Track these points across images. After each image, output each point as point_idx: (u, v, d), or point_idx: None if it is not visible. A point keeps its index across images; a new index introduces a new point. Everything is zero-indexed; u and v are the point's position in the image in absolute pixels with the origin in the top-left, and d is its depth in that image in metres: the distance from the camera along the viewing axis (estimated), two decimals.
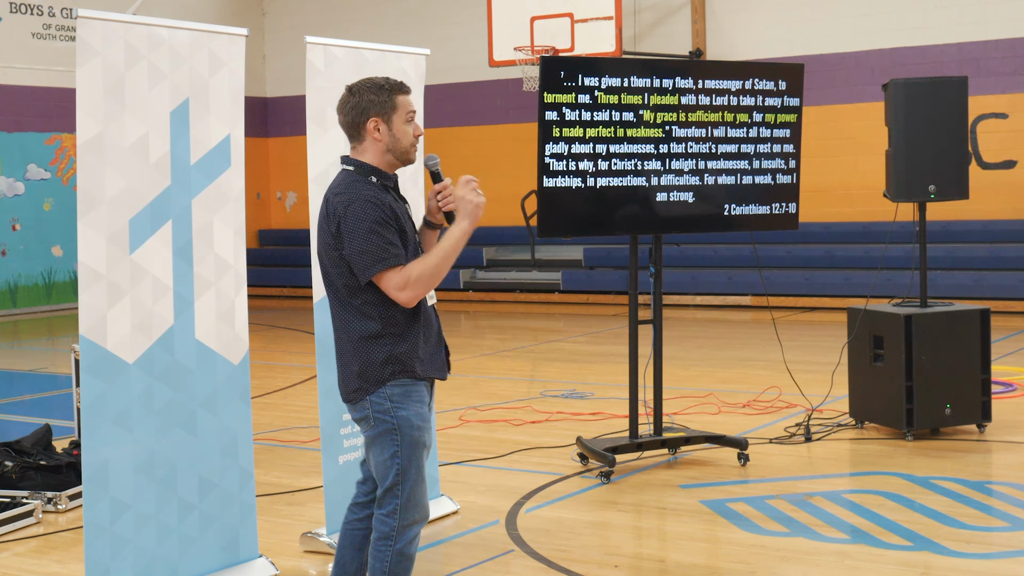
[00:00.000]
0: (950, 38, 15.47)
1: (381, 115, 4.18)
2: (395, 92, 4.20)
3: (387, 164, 4.23)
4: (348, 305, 4.15)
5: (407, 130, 4.22)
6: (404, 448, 4.16)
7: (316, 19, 20.11)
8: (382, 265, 4.03)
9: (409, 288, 4.05)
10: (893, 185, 7.77)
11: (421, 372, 4.19)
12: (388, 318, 4.12)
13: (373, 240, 4.03)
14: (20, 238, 17.58)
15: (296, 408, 9.33)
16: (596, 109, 6.78)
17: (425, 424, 4.22)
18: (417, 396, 4.20)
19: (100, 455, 4.64)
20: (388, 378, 4.13)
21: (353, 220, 4.05)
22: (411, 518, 4.20)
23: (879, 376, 7.78)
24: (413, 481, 4.18)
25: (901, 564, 5.32)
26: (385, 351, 4.13)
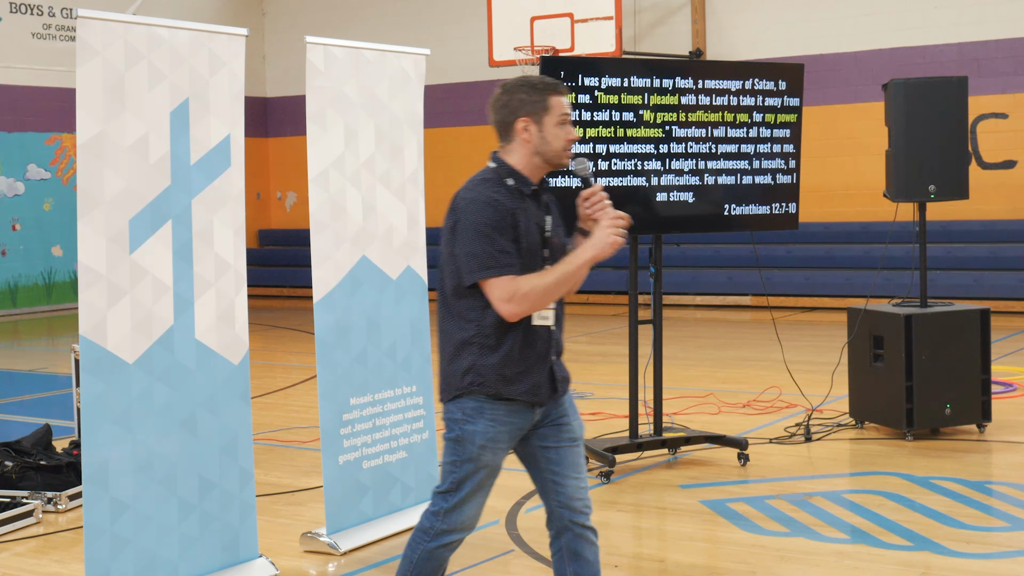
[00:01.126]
0: (950, 38, 15.47)
1: (532, 115, 3.97)
2: (549, 92, 3.99)
3: (533, 167, 4.01)
4: (450, 306, 3.98)
5: (559, 133, 3.99)
6: (464, 461, 4.02)
7: (316, 19, 20.10)
8: (489, 272, 3.85)
9: (515, 302, 3.85)
10: (893, 185, 7.77)
11: (500, 390, 3.96)
12: (482, 327, 3.93)
13: (483, 244, 3.85)
14: (20, 238, 17.58)
15: (296, 408, 9.32)
16: (596, 109, 6.78)
17: (491, 444, 4.01)
18: (492, 414, 3.99)
19: (100, 455, 4.64)
20: (465, 389, 3.96)
21: (468, 219, 3.88)
22: (453, 525, 4.08)
23: (879, 376, 7.78)
24: (466, 495, 4.05)
25: (901, 564, 5.32)
26: (469, 360, 3.95)
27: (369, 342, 5.86)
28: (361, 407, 5.81)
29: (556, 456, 4.12)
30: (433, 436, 6.27)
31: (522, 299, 3.85)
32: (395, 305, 6.00)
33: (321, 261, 5.65)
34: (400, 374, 6.04)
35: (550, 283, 3.88)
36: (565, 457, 4.13)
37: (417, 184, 6.17)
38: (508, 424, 4.03)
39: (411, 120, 6.12)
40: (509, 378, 3.97)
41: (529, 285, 3.86)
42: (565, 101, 4.01)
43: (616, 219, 3.93)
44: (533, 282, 3.87)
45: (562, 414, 4.13)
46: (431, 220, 6.39)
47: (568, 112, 4.01)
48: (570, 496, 4.12)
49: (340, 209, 5.72)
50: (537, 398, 4.02)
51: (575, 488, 4.13)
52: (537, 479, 4.19)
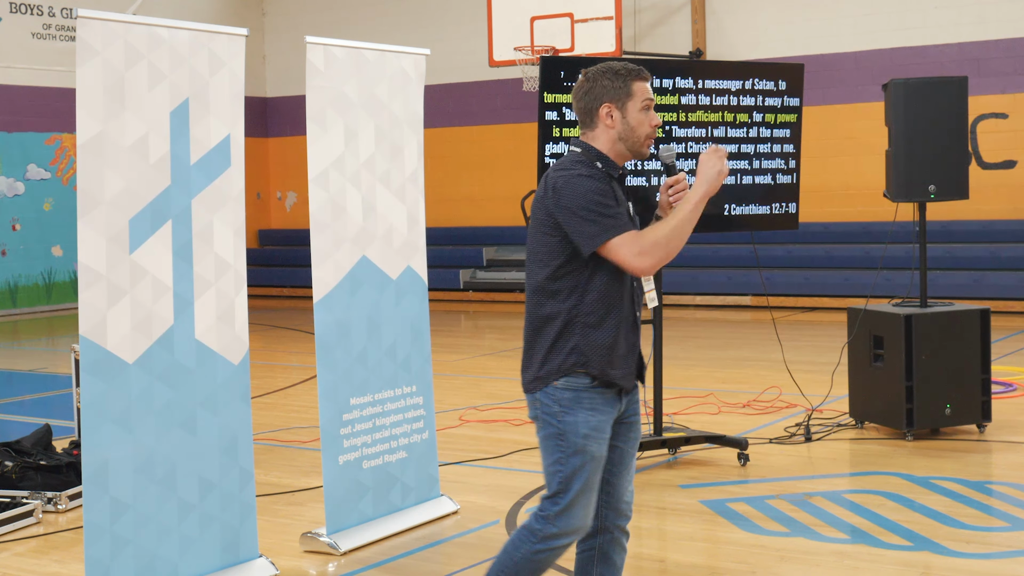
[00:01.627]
0: (950, 38, 15.47)
1: (615, 101, 3.94)
2: (632, 78, 3.95)
3: (617, 154, 3.98)
4: (545, 290, 3.91)
5: (643, 119, 3.96)
6: (569, 455, 3.90)
7: (316, 19, 20.11)
8: (609, 234, 3.80)
9: (647, 254, 3.80)
10: (893, 185, 7.77)
11: (604, 371, 3.90)
12: (583, 304, 3.88)
13: (595, 211, 3.81)
14: (20, 238, 17.58)
15: (296, 408, 9.32)
16: None
17: (595, 433, 3.92)
18: (589, 403, 3.92)
19: (100, 455, 4.64)
20: (568, 369, 3.88)
21: (572, 194, 3.84)
22: (562, 529, 3.93)
23: (879, 376, 7.78)
24: (576, 492, 3.91)
25: (901, 564, 5.32)
26: (573, 340, 3.88)
27: (369, 342, 5.86)
28: (361, 407, 5.82)
29: (618, 456, 4.07)
30: (433, 436, 6.27)
31: (652, 249, 3.81)
32: (395, 305, 6.01)
33: (321, 261, 5.65)
34: (400, 374, 6.04)
35: (673, 227, 3.84)
36: (624, 458, 4.09)
37: (417, 184, 6.17)
38: (605, 414, 3.96)
39: (411, 120, 6.13)
40: (611, 361, 3.92)
41: (654, 235, 3.83)
42: (648, 87, 3.98)
43: (717, 149, 3.91)
44: (656, 231, 3.84)
45: (634, 412, 4.12)
46: (431, 220, 6.41)
47: (651, 98, 3.98)
48: (619, 498, 4.09)
49: (340, 209, 5.72)
50: (629, 384, 4.00)
51: (624, 490, 4.10)
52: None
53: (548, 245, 3.91)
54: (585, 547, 4.14)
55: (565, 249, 3.89)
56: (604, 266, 3.90)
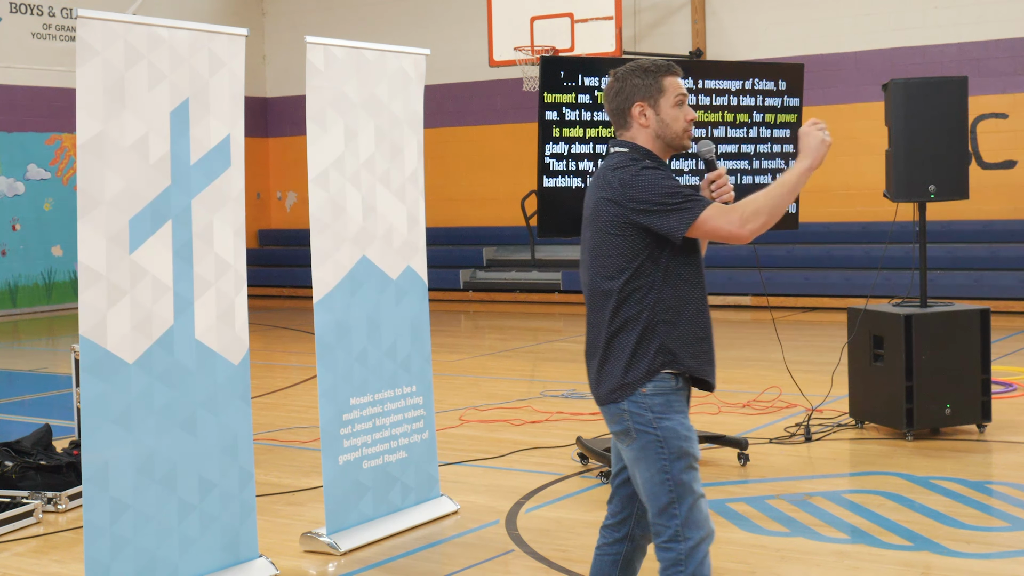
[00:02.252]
0: (950, 38, 15.47)
1: (647, 99, 3.88)
2: (662, 74, 3.89)
3: (659, 150, 3.92)
4: (617, 292, 3.79)
5: (677, 114, 3.88)
6: (672, 461, 3.79)
7: (316, 19, 20.10)
8: (698, 209, 3.71)
9: (748, 220, 3.71)
10: (893, 185, 7.77)
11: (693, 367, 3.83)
12: (662, 302, 3.79)
13: (675, 194, 3.72)
14: (20, 238, 17.58)
15: (296, 408, 9.32)
16: (596, 109, 6.78)
17: (691, 434, 3.85)
18: (679, 405, 3.85)
19: (100, 455, 4.64)
20: (658, 370, 3.79)
21: (643, 186, 3.75)
22: (697, 536, 3.78)
23: (879, 376, 7.78)
24: (690, 495, 3.79)
25: (901, 564, 5.32)
26: (657, 341, 3.79)
27: (369, 342, 5.86)
28: (361, 407, 5.82)
29: None
30: (433, 436, 6.27)
31: (755, 216, 3.73)
32: (395, 305, 6.01)
33: (321, 261, 5.65)
34: (400, 374, 6.04)
35: (776, 195, 3.75)
36: None
37: (417, 184, 6.17)
38: (687, 412, 3.89)
39: (411, 120, 6.13)
40: (699, 356, 3.85)
41: (755, 203, 3.74)
42: (680, 81, 3.91)
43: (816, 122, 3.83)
44: (757, 199, 3.75)
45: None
46: (431, 220, 6.41)
47: (684, 92, 3.91)
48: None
49: (340, 209, 5.72)
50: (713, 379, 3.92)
51: None
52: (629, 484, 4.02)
53: (618, 246, 3.80)
54: (609, 551, 4.08)
55: (637, 246, 3.79)
56: (679, 258, 3.83)
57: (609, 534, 4.10)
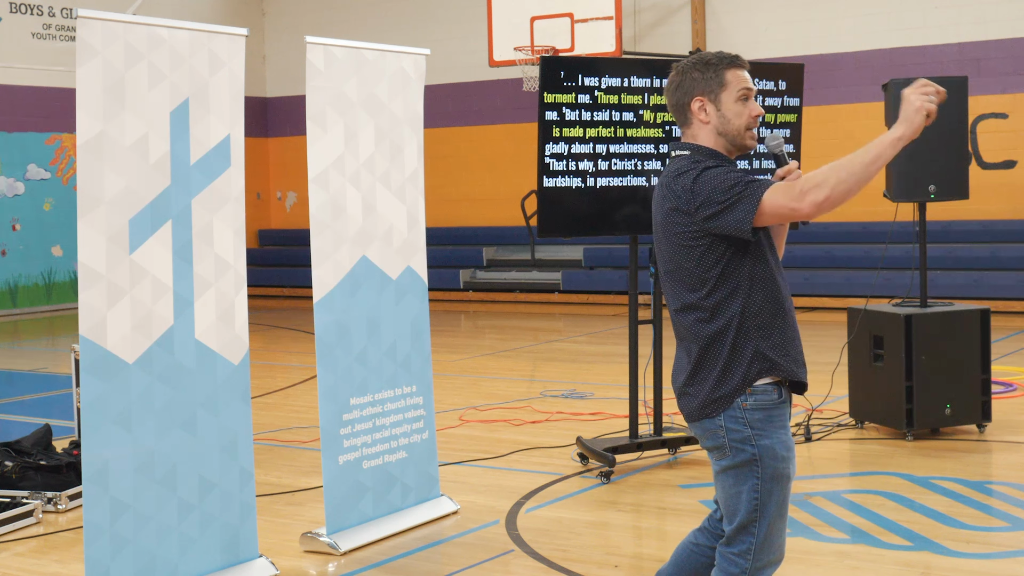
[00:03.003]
0: (950, 38, 15.47)
1: (707, 94, 3.65)
2: (725, 66, 3.65)
3: (723, 149, 3.68)
4: (700, 305, 3.61)
5: (741, 109, 3.64)
6: (765, 481, 3.58)
7: (316, 19, 20.11)
8: (759, 194, 3.45)
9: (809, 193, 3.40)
10: (893, 185, 7.77)
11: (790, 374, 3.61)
12: (750, 308, 3.57)
13: (736, 187, 3.48)
14: (20, 238, 17.58)
15: (296, 408, 9.33)
16: (596, 109, 6.78)
17: (790, 454, 3.63)
18: (780, 420, 3.63)
19: (100, 455, 4.64)
20: (754, 377, 3.57)
21: (706, 184, 3.51)
22: (766, 560, 3.62)
23: (879, 376, 7.78)
24: (772, 518, 3.60)
25: (901, 564, 5.32)
26: (750, 348, 3.57)
27: (369, 342, 5.86)
28: (361, 407, 5.82)
29: None
30: (433, 436, 6.28)
31: (816, 187, 3.41)
32: (395, 305, 6.01)
33: (321, 261, 5.65)
34: (400, 374, 6.04)
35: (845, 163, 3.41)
36: None
37: (417, 184, 6.17)
38: (788, 426, 3.68)
39: (411, 120, 6.13)
40: (794, 359, 3.64)
41: (820, 173, 3.42)
42: (745, 75, 3.66)
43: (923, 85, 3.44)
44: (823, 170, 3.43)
45: None
46: (431, 220, 6.41)
47: (750, 86, 3.66)
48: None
49: (340, 209, 5.72)
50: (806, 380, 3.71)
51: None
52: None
53: (696, 256, 3.60)
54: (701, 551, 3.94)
55: (717, 253, 3.59)
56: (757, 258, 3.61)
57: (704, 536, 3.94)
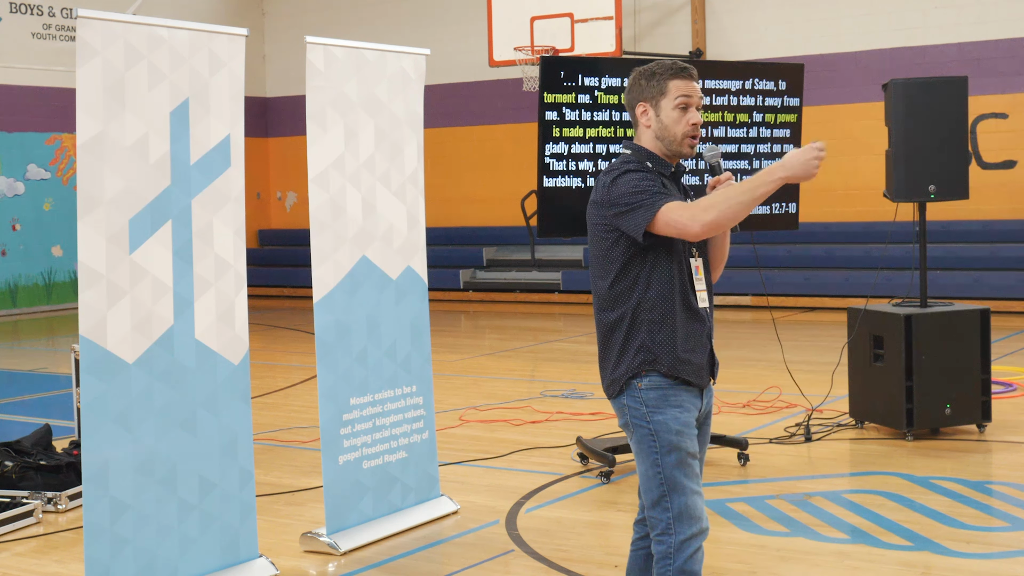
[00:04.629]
0: (950, 38, 15.47)
1: (649, 100, 3.88)
2: (668, 76, 3.86)
3: (661, 153, 3.92)
4: (607, 294, 3.88)
5: (679, 117, 3.86)
6: (663, 455, 3.82)
7: (316, 19, 20.10)
8: (654, 208, 3.72)
9: (703, 213, 3.67)
10: (893, 185, 7.77)
11: (674, 368, 3.83)
12: (645, 302, 3.82)
13: (640, 192, 3.75)
14: (20, 238, 17.58)
15: (296, 408, 9.32)
16: (596, 109, 6.78)
17: (686, 429, 3.85)
18: (676, 400, 3.85)
19: (100, 455, 4.64)
20: (637, 369, 3.83)
21: (618, 189, 3.80)
22: (687, 532, 3.82)
23: (879, 376, 7.78)
24: (681, 490, 3.82)
25: (901, 564, 5.32)
26: (639, 339, 3.83)
27: (369, 342, 5.86)
28: (361, 407, 5.82)
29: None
30: (433, 436, 6.27)
31: (705, 211, 3.68)
32: (395, 305, 6.01)
33: (321, 261, 5.65)
34: (400, 374, 6.04)
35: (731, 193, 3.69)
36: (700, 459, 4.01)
37: (417, 184, 6.17)
38: (691, 411, 3.89)
39: (411, 120, 6.13)
40: (680, 357, 3.84)
41: (708, 199, 3.71)
42: (687, 84, 3.86)
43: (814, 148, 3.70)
44: (710, 196, 3.72)
45: (707, 414, 4.03)
46: (431, 220, 6.41)
47: (689, 95, 3.86)
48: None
49: (340, 209, 5.72)
50: (702, 381, 3.92)
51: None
52: None
53: (605, 247, 3.87)
54: (641, 545, 4.09)
55: (625, 250, 3.84)
56: (661, 260, 3.84)
57: (639, 528, 4.11)
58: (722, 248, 4.09)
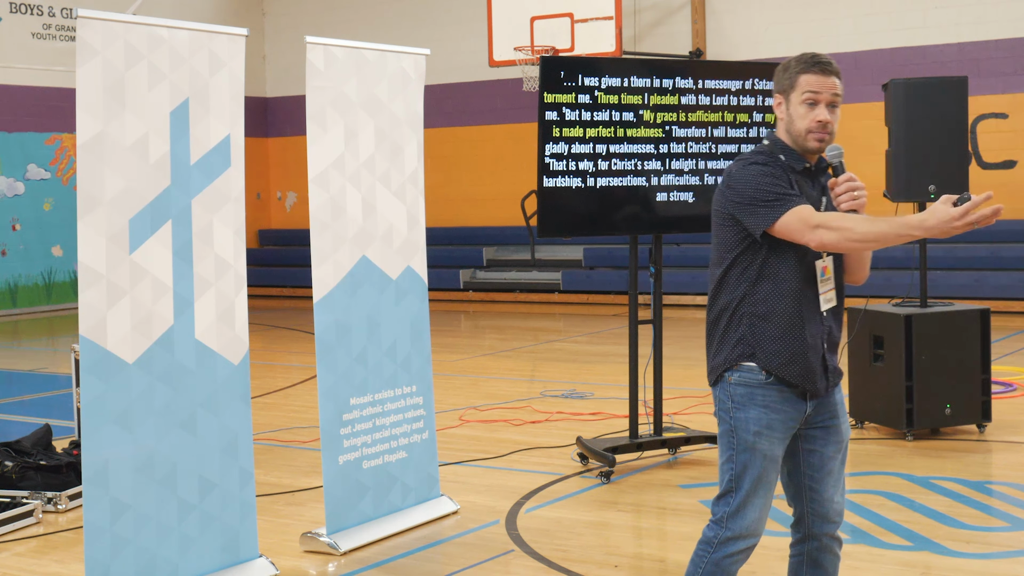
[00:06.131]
0: (950, 38, 15.47)
1: (783, 92, 3.87)
2: (801, 69, 3.83)
3: (793, 145, 3.87)
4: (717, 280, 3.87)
5: (804, 112, 3.81)
6: (739, 452, 3.80)
7: (316, 19, 20.11)
8: (783, 208, 3.68)
9: (824, 229, 3.62)
10: (893, 185, 7.77)
11: (771, 366, 3.77)
12: (753, 294, 3.80)
13: (767, 189, 3.72)
14: (20, 238, 17.58)
15: (296, 408, 9.32)
16: (596, 109, 6.78)
17: (767, 431, 3.79)
18: (763, 399, 3.80)
19: (100, 455, 4.64)
20: (735, 360, 3.81)
21: (742, 181, 3.77)
22: (736, 531, 3.84)
23: (879, 376, 7.78)
24: (746, 492, 3.81)
25: (901, 564, 5.32)
26: (740, 331, 3.81)
27: (369, 342, 5.86)
28: (361, 407, 5.82)
29: (818, 461, 3.92)
30: (433, 436, 6.28)
31: (828, 229, 3.63)
32: (395, 305, 6.01)
33: (321, 261, 5.65)
34: (400, 374, 6.04)
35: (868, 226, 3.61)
36: (827, 464, 3.93)
37: (417, 184, 6.17)
38: (782, 413, 3.82)
39: (411, 120, 6.13)
40: (782, 355, 3.78)
41: (845, 219, 3.63)
42: (819, 80, 3.82)
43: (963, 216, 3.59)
44: (850, 217, 3.64)
45: (832, 415, 3.92)
46: (431, 220, 6.41)
47: (817, 91, 3.81)
48: (824, 505, 3.95)
49: (340, 209, 5.72)
50: (810, 385, 3.81)
51: (831, 497, 3.95)
52: (792, 479, 3.98)
53: (724, 239, 3.86)
54: (795, 552, 4.08)
55: (740, 240, 3.82)
56: (779, 255, 3.79)
57: (793, 533, 4.08)
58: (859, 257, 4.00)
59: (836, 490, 3.96)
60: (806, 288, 3.83)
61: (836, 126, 3.89)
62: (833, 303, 3.90)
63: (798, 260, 3.81)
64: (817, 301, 3.86)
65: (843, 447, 3.96)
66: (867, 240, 3.63)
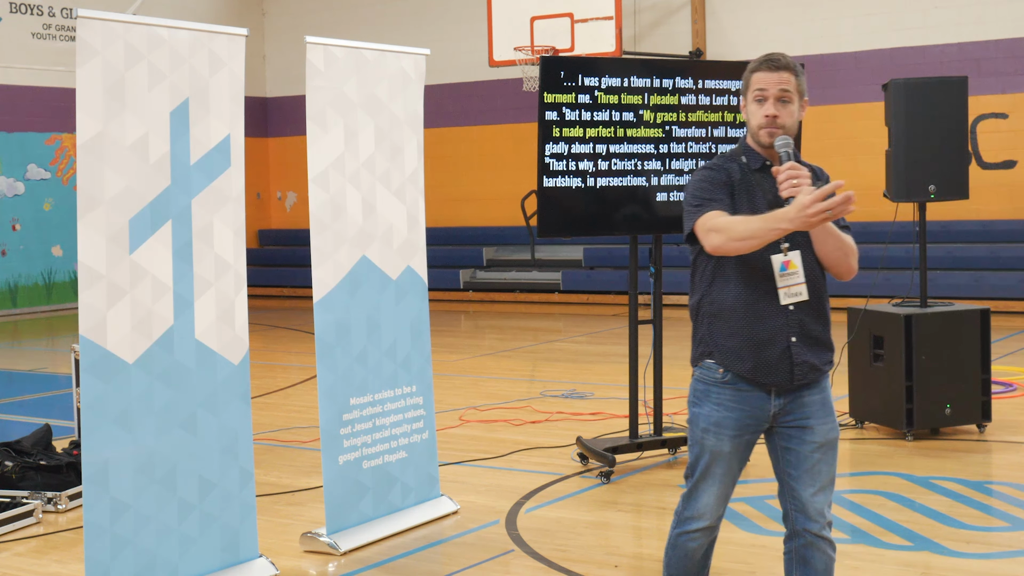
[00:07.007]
0: (950, 38, 15.47)
1: (743, 94, 4.00)
2: (752, 70, 3.98)
3: (755, 144, 3.98)
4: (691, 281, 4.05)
5: (756, 109, 3.93)
6: (693, 443, 4.01)
7: (316, 19, 20.10)
8: (699, 213, 3.84)
9: (713, 232, 3.78)
10: (893, 185, 7.77)
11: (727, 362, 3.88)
12: (708, 294, 3.95)
13: (695, 194, 3.89)
14: (20, 238, 17.58)
15: (296, 408, 9.32)
16: (596, 109, 6.78)
17: (715, 428, 3.92)
18: (717, 397, 3.92)
19: (100, 455, 4.64)
20: (697, 359, 3.98)
21: (691, 181, 3.97)
22: (690, 512, 4.02)
23: (879, 376, 7.78)
24: (697, 479, 4.00)
25: (901, 564, 5.32)
26: (703, 330, 3.96)
27: (369, 342, 5.86)
28: (361, 407, 5.82)
29: (795, 459, 3.96)
30: (433, 436, 6.27)
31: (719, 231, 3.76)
32: (395, 305, 6.01)
33: (321, 261, 5.65)
34: (400, 374, 6.04)
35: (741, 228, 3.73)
36: (803, 463, 3.94)
37: (417, 184, 6.17)
38: (736, 411, 3.91)
39: (411, 120, 6.13)
40: (733, 351, 3.87)
41: (726, 220, 3.78)
42: (765, 76, 3.93)
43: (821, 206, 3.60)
44: (730, 219, 3.78)
45: (806, 416, 3.93)
46: (431, 220, 6.40)
47: (764, 88, 3.91)
48: (804, 503, 3.97)
49: (340, 209, 5.72)
50: (767, 379, 3.86)
51: (810, 496, 3.95)
52: (777, 476, 4.06)
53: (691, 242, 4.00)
54: (786, 549, 4.11)
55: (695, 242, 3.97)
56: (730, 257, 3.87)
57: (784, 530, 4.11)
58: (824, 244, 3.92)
59: (816, 489, 3.96)
60: (759, 284, 3.87)
61: (790, 119, 3.93)
62: (802, 297, 3.87)
63: (741, 258, 3.86)
64: (775, 295, 3.86)
65: (824, 447, 3.95)
66: (744, 238, 3.73)
